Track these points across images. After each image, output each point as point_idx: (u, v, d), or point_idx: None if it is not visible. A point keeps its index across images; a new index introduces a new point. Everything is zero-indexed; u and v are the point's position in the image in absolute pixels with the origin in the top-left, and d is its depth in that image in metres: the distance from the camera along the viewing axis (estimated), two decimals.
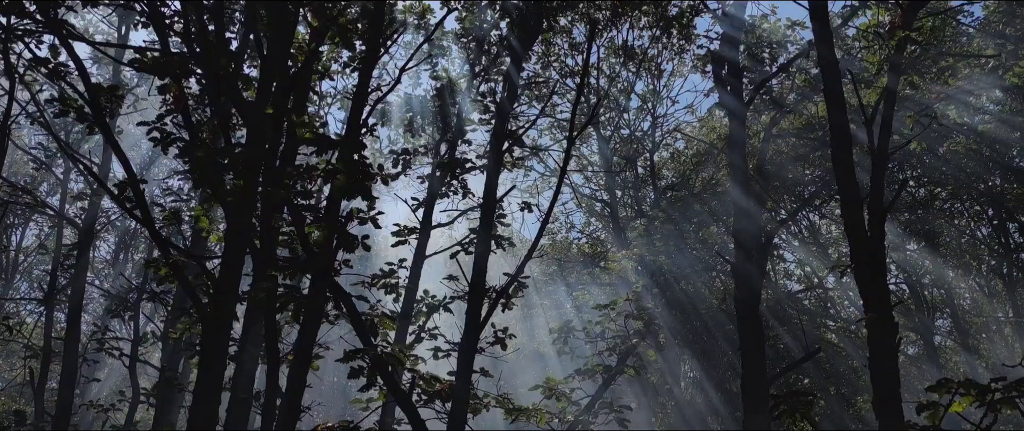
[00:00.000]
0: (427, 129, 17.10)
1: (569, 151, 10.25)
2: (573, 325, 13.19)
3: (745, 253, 10.13)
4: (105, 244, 27.74)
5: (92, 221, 14.30)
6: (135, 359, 15.12)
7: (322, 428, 7.53)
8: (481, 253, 9.90)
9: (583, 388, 12.32)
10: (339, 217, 7.79)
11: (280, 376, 10.11)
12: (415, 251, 14.45)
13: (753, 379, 9.52)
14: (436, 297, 13.54)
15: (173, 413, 13.09)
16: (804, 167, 21.21)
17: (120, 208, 10.34)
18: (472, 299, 9.51)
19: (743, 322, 9.88)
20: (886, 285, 8.70)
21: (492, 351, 11.94)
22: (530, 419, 11.28)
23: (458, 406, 8.33)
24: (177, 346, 13.15)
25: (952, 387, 4.64)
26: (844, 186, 9.27)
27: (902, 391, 8.51)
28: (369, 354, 7.09)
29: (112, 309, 15.22)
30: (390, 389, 7.21)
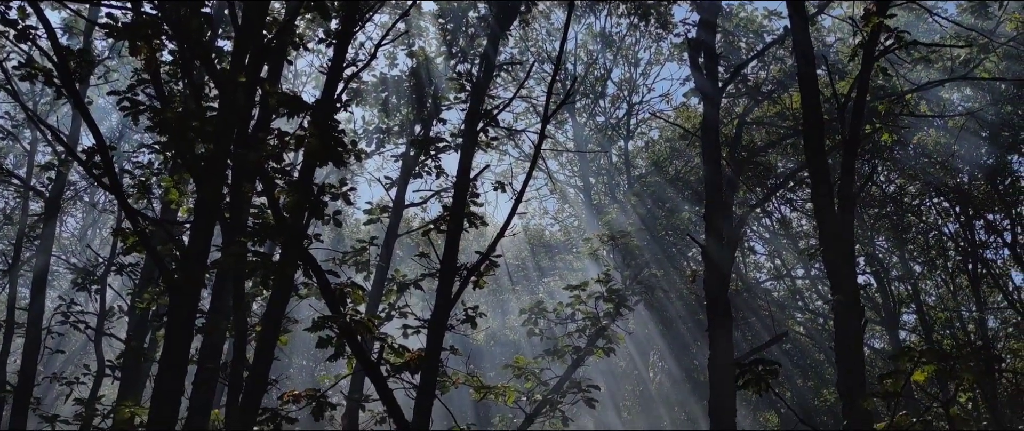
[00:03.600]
0: (402, 110, 17.02)
1: (543, 129, 10.25)
2: (544, 306, 13.21)
3: (716, 236, 10.20)
4: (73, 219, 27.42)
5: (59, 191, 14.10)
6: (101, 332, 14.93)
7: (289, 396, 7.49)
8: (453, 231, 9.89)
9: (552, 368, 12.38)
10: (311, 184, 7.74)
11: (248, 348, 10.06)
12: (387, 230, 14.41)
13: (721, 361, 9.59)
14: (407, 276, 13.51)
15: (138, 386, 12.95)
16: (777, 156, 21.37)
17: (88, 175, 10.23)
18: (443, 276, 9.50)
19: (712, 304, 9.95)
20: (854, 269, 8.81)
21: (462, 330, 11.94)
22: (498, 398, 11.30)
23: (427, 378, 8.32)
24: (144, 317, 13.00)
25: (914, 356, 4.69)
26: (815, 170, 9.35)
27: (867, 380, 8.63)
28: (337, 322, 7.04)
29: (78, 282, 15.00)
30: (358, 357, 7.18)
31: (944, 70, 16.96)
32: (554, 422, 12.10)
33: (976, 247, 23.47)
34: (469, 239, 25.71)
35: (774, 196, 22.29)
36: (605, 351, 12.51)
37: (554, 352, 12.39)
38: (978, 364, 4.48)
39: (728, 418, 9.34)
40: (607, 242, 14.44)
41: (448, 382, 10.95)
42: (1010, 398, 23.89)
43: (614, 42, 21.93)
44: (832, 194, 9.28)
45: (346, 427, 12.37)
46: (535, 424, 11.98)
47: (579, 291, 12.59)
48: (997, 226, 22.92)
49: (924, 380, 4.77)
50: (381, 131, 16.44)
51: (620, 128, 25.64)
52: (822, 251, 9.08)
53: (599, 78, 24.50)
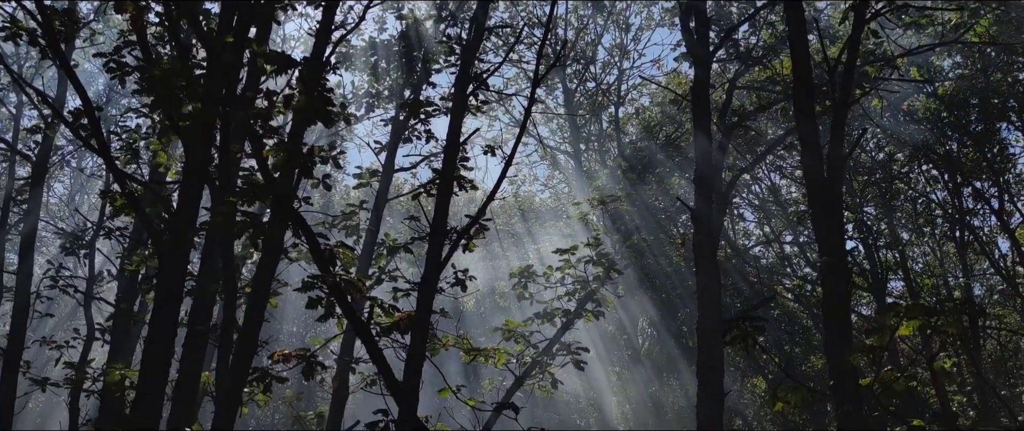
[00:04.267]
0: (392, 74, 16.93)
1: (533, 92, 10.21)
2: (533, 270, 13.23)
3: (705, 198, 10.22)
4: (60, 184, 27.28)
5: (46, 155, 14.01)
6: (90, 296, 14.91)
7: (279, 355, 7.51)
8: (443, 194, 9.86)
9: (542, 331, 12.43)
10: (301, 143, 7.70)
11: (238, 311, 10.06)
12: (377, 194, 14.39)
13: (709, 323, 9.65)
14: (397, 240, 13.51)
15: (128, 349, 12.97)
16: (768, 123, 21.36)
17: (75, 137, 10.15)
18: (433, 239, 9.49)
19: (701, 266, 9.99)
20: (842, 231, 8.85)
21: (453, 293, 11.96)
22: (488, 360, 11.35)
23: (417, 339, 8.35)
24: (133, 280, 12.98)
25: (899, 310, 4.73)
26: (805, 132, 9.36)
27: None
28: (327, 282, 7.04)
29: (67, 247, 14.96)
30: (348, 317, 7.19)
31: (935, 35, 16.93)
32: (544, 385, 12.15)
33: (963, 214, 23.59)
34: (459, 204, 25.73)
35: (764, 162, 22.33)
36: (594, 315, 12.57)
37: (544, 315, 12.43)
38: (963, 319, 4.51)
39: (716, 378, 9.42)
40: (597, 206, 14.44)
41: (438, 345, 10.99)
42: (994, 363, 24.18)
43: (605, 7, 21.79)
44: (821, 157, 9.29)
45: (337, 389, 12.44)
46: (524, 386, 12.04)
47: (569, 255, 12.61)
48: (984, 193, 23.02)
49: (909, 334, 4.82)
50: (371, 95, 16.36)
51: (611, 94, 25.57)
52: (811, 214, 9.11)
53: (590, 43, 24.38)
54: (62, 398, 15.29)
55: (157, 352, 8.93)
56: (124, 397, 10.97)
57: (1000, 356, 24.22)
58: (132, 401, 8.97)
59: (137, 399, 8.74)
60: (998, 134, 22.06)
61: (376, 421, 8.33)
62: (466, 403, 9.95)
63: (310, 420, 13.22)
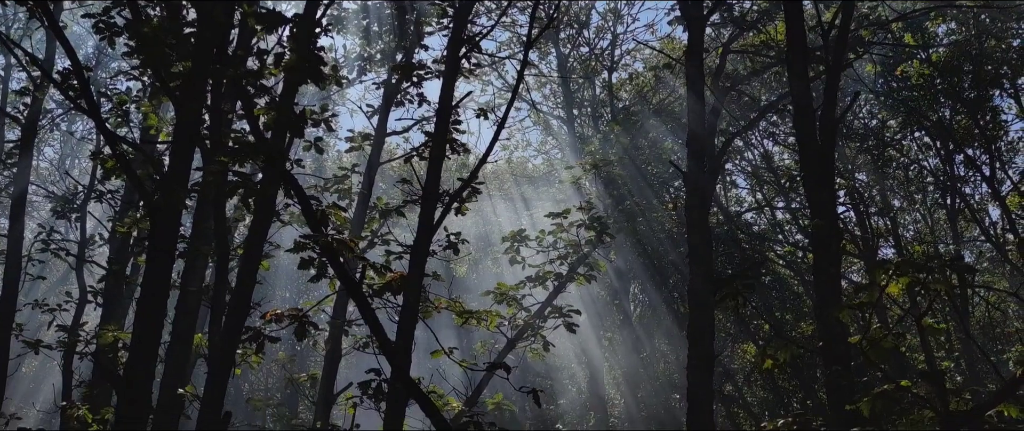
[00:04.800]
0: (384, 37, 16.81)
1: (526, 55, 10.18)
2: (526, 234, 13.24)
3: (697, 161, 10.22)
4: (50, 148, 27.12)
5: (35, 117, 13.90)
6: (82, 260, 14.90)
7: (271, 315, 7.52)
8: (436, 157, 9.84)
9: (534, 294, 12.49)
10: (293, 102, 7.66)
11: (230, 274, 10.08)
12: (369, 158, 14.36)
13: (700, 286, 9.70)
14: (389, 204, 13.51)
15: (121, 311, 12.98)
16: (761, 88, 21.32)
17: (65, 97, 10.09)
18: (425, 202, 9.50)
19: (692, 228, 10.02)
20: (833, 194, 8.87)
21: (445, 256, 11.98)
22: (480, 323, 11.40)
23: (410, 300, 8.38)
24: (125, 242, 12.97)
25: (889, 267, 4.76)
26: (798, 95, 9.35)
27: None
28: (319, 242, 7.04)
29: (58, 210, 14.91)
30: (340, 278, 7.20)
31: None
32: (535, 348, 12.22)
33: (955, 181, 23.65)
34: (451, 168, 25.70)
35: (757, 128, 22.31)
36: (587, 278, 12.62)
37: (536, 279, 12.48)
38: (951, 277, 4.55)
39: (706, 341, 9.49)
40: (590, 170, 14.44)
41: (430, 307, 11.03)
42: (982, 329, 24.40)
43: None
44: (814, 119, 9.30)
45: (330, 351, 12.50)
46: (516, 349, 12.11)
47: (561, 219, 12.63)
48: (976, 161, 23.06)
49: (898, 292, 4.85)
50: (363, 59, 16.25)
51: (604, 59, 25.46)
52: (803, 177, 9.13)
53: (583, 8, 24.23)
54: (56, 362, 15.34)
55: (150, 314, 8.94)
56: (117, 358, 11.01)
57: (988, 322, 24.43)
58: (125, 362, 9.00)
59: (130, 360, 8.78)
60: (991, 101, 22.06)
61: (368, 380, 8.38)
62: (458, 364, 10.02)
63: (303, 382, 13.30)
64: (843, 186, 23.65)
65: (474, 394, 10.79)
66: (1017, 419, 5.85)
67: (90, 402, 11.20)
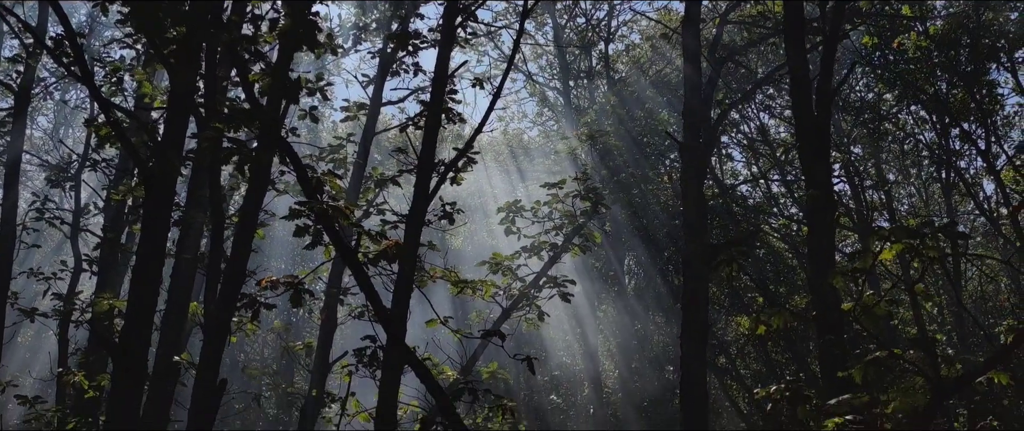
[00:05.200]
0: (380, 6, 16.70)
1: (523, 23, 10.11)
2: (521, 205, 13.26)
3: (693, 131, 10.22)
4: (44, 118, 26.99)
5: (28, 84, 13.81)
6: (77, 228, 14.88)
7: (267, 281, 7.53)
8: (431, 126, 9.82)
9: (529, 265, 12.53)
10: (288, 68, 7.62)
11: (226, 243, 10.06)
12: (364, 128, 14.32)
13: (695, 255, 9.73)
14: (384, 174, 13.49)
15: (116, 280, 12.99)
16: (758, 61, 21.25)
17: (58, 63, 10.02)
18: (421, 171, 9.50)
19: (688, 198, 10.03)
20: (829, 165, 8.89)
21: (440, 226, 12.00)
22: (475, 293, 11.45)
23: (405, 268, 8.40)
24: (120, 210, 12.95)
25: (883, 233, 4.77)
26: (794, 66, 9.32)
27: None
28: (314, 209, 7.03)
29: (52, 178, 14.86)
30: (336, 244, 7.20)
31: None
32: (530, 318, 12.28)
33: (950, 154, 23.68)
34: (447, 139, 25.64)
35: (753, 101, 22.26)
36: (582, 248, 12.65)
37: (531, 249, 12.51)
38: (944, 243, 4.57)
39: (700, 311, 9.53)
40: (585, 141, 14.43)
41: (425, 276, 11.07)
42: (975, 302, 24.53)
43: None
44: (810, 90, 9.28)
45: (325, 320, 12.54)
46: (511, 319, 12.16)
47: (556, 190, 12.64)
48: (971, 135, 23.07)
49: (891, 257, 4.88)
50: (358, 28, 16.15)
51: (600, 29, 25.33)
52: (799, 147, 9.13)
53: None
54: (52, 331, 15.39)
55: (145, 281, 8.96)
56: (113, 326, 11.03)
57: (981, 295, 24.56)
58: (121, 330, 9.02)
59: (125, 328, 8.80)
60: (987, 74, 22.02)
61: (364, 347, 8.41)
62: (453, 333, 10.07)
63: (299, 351, 13.36)
64: (838, 160, 23.65)
65: (469, 363, 10.86)
66: (1007, 387, 5.90)
67: (86, 369, 11.23)
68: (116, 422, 8.58)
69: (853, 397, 5.83)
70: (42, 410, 10.80)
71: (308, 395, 12.29)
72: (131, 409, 8.62)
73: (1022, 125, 26.13)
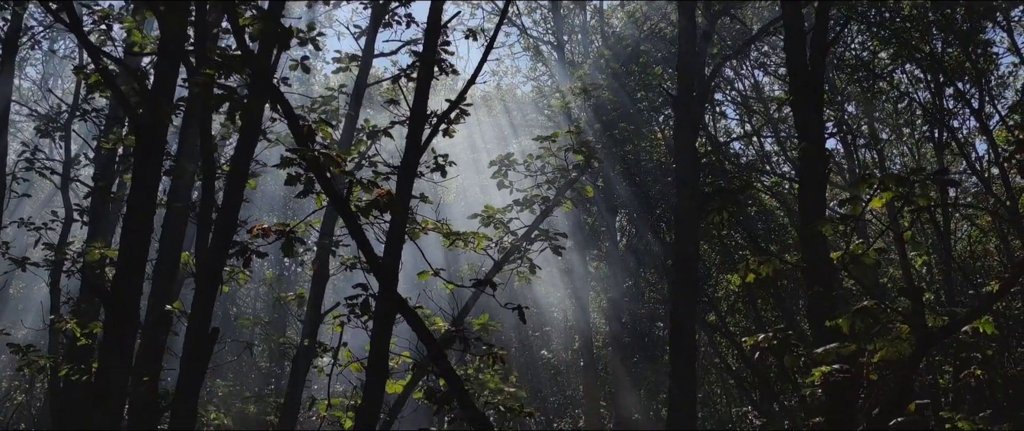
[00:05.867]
0: None
1: None
2: (514, 158, 13.21)
3: (687, 85, 10.18)
4: (33, 68, 26.73)
5: (15, 33, 13.64)
6: (67, 178, 14.82)
7: (258, 229, 7.53)
8: (423, 77, 9.76)
9: (521, 218, 12.53)
10: (280, 12, 7.54)
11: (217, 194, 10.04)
12: (356, 80, 14.22)
13: (687, 209, 9.75)
14: (377, 126, 13.41)
15: (107, 229, 12.97)
16: (753, 17, 21.12)
17: (45, 10, 9.90)
18: (413, 123, 9.46)
19: (681, 153, 10.03)
20: (821, 118, 8.88)
21: (432, 179, 11.97)
22: (467, 245, 11.47)
23: (397, 218, 8.41)
24: (110, 159, 12.89)
25: (873, 181, 4.78)
26: (789, 18, 9.27)
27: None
28: (306, 156, 7.01)
29: (42, 128, 14.75)
30: (327, 192, 7.20)
31: None
32: (522, 272, 12.30)
33: (943, 113, 23.65)
34: (439, 92, 25.50)
35: (747, 58, 22.16)
36: (574, 202, 12.64)
37: (523, 203, 12.50)
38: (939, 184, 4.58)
39: (691, 266, 9.58)
40: (579, 95, 14.35)
41: (418, 228, 11.08)
42: (963, 263, 24.69)
43: None
44: (804, 43, 9.24)
45: (317, 271, 12.57)
46: (503, 272, 12.18)
47: (549, 142, 12.59)
48: (965, 94, 23.03)
49: (881, 206, 4.90)
50: None
51: None
52: (792, 101, 9.12)
53: None
54: (43, 281, 15.38)
55: (136, 230, 8.95)
56: (105, 275, 11.04)
57: (970, 255, 24.72)
58: (112, 278, 9.03)
59: (117, 276, 8.80)
60: (983, 33, 21.93)
61: (356, 295, 8.46)
62: (445, 285, 10.10)
63: (291, 302, 13.40)
64: (832, 118, 23.64)
65: (460, 314, 10.91)
66: (992, 336, 5.97)
67: (78, 318, 11.27)
68: (109, 369, 8.62)
69: (840, 346, 5.90)
70: (35, 357, 10.85)
71: (300, 345, 12.36)
72: (124, 356, 8.66)
73: (1016, 85, 26.09)
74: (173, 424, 8.10)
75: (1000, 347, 16.59)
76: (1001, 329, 16.84)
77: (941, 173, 4.83)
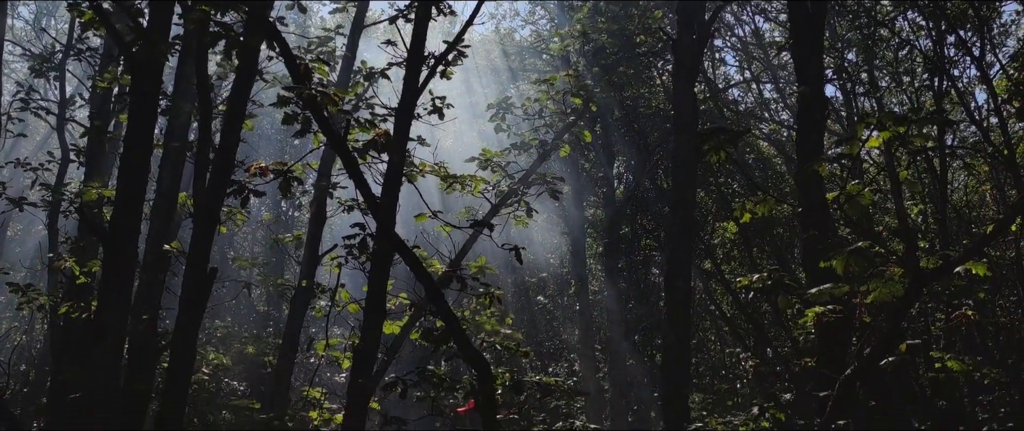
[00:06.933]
0: None
1: None
2: (512, 102, 13.15)
3: (687, 28, 10.09)
4: (26, 8, 26.41)
5: None
6: (63, 118, 14.76)
7: (256, 167, 7.53)
8: (421, 17, 9.67)
9: (519, 161, 12.53)
10: None
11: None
12: (353, 20, 14.09)
13: (685, 152, 9.75)
14: (374, 67, 13.33)
15: (104, 168, 12.95)
16: None
17: None
18: (410, 64, 9.41)
19: (679, 96, 9.99)
20: (821, 61, 8.83)
21: (429, 120, 11.93)
22: (464, 188, 11.48)
23: (395, 160, 8.42)
24: (106, 98, 12.82)
25: (871, 120, 4.78)
26: None
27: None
28: (303, 95, 6.97)
29: (36, 68, 14.63)
30: (324, 131, 7.17)
31: None
32: (519, 216, 12.32)
33: (944, 61, 23.50)
34: (436, 34, 25.23)
35: (748, 4, 21.93)
36: (572, 147, 12.63)
37: (520, 146, 12.49)
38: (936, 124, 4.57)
39: (688, 208, 9.61)
40: (578, 37, 14.23)
41: (415, 171, 11.08)
42: (958, 211, 24.75)
43: None
44: None
45: (314, 213, 12.60)
46: (500, 216, 12.21)
47: (547, 85, 12.54)
48: (967, 42, 22.86)
49: (878, 145, 4.89)
50: None
51: None
52: (792, 44, 9.06)
53: None
54: (41, 221, 15.43)
55: (133, 169, 8.93)
56: (102, 214, 11.05)
57: (966, 204, 24.78)
58: (110, 217, 9.04)
59: (115, 214, 8.81)
60: None
61: (353, 234, 8.49)
62: (443, 227, 10.13)
63: (288, 243, 13.45)
64: (831, 66, 23.49)
65: (458, 256, 10.97)
66: (985, 280, 6.02)
67: (77, 256, 11.31)
68: (108, 307, 8.68)
69: (833, 287, 5.95)
70: (35, 295, 10.92)
71: (298, 286, 12.44)
72: (123, 294, 8.71)
73: (1018, 33, 25.90)
74: (173, 363, 8.18)
75: (993, 295, 16.72)
76: (994, 278, 16.98)
77: (939, 112, 4.83)
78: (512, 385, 7.71)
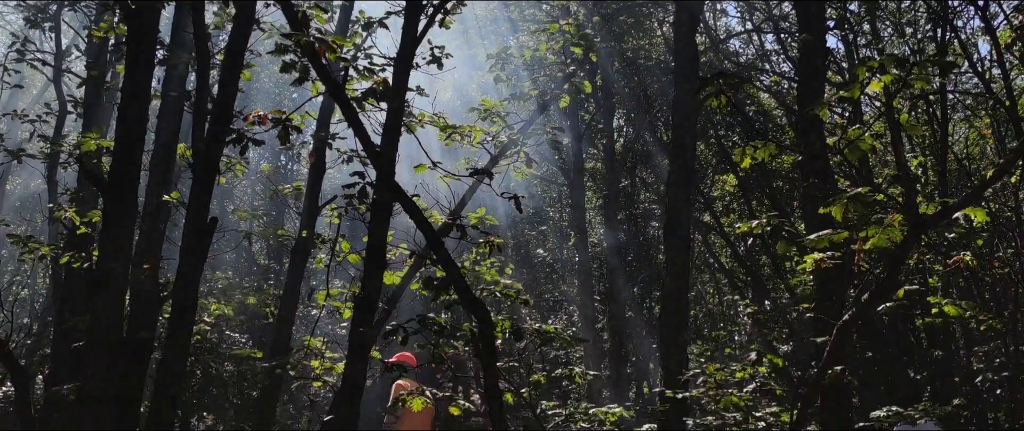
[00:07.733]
0: None
1: None
2: (511, 53, 13.05)
3: None
4: None
5: None
6: (59, 70, 14.66)
7: (255, 115, 7.50)
8: None
9: (519, 113, 12.49)
10: None
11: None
12: None
13: (684, 100, 9.71)
14: (372, 17, 13.19)
15: (101, 118, 12.91)
16: None
17: None
18: (409, 12, 9.35)
19: (680, 44, 9.92)
20: (823, 7, 8.74)
21: (428, 70, 11.85)
22: (463, 139, 11.46)
23: (393, 107, 8.38)
24: (102, 47, 12.73)
25: (872, 64, 4.75)
26: None
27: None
28: (300, 42, 6.92)
29: (31, 19, 14.49)
30: (322, 78, 7.14)
31: None
32: (519, 167, 12.31)
33: (947, 11, 23.28)
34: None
35: None
36: (571, 97, 12.57)
37: (520, 96, 12.44)
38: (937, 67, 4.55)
39: (687, 155, 9.60)
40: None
41: (414, 121, 11.04)
42: (958, 163, 24.72)
43: None
44: None
45: (314, 164, 12.59)
46: (500, 167, 12.19)
47: (547, 33, 12.44)
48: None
49: (880, 89, 4.87)
50: None
51: None
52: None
53: None
54: (40, 173, 15.42)
55: (131, 119, 8.89)
56: (101, 164, 11.03)
57: (967, 156, 24.74)
58: (110, 166, 9.02)
59: (115, 163, 8.79)
60: None
61: (353, 183, 8.50)
62: (443, 177, 10.12)
63: (288, 194, 13.46)
64: (833, 17, 23.26)
65: (458, 206, 10.97)
66: (983, 227, 6.04)
67: (77, 206, 11.32)
68: (109, 256, 8.70)
69: (832, 232, 5.96)
70: (36, 245, 10.95)
71: (298, 236, 12.47)
72: (124, 243, 8.73)
73: None
74: (174, 311, 8.23)
75: (991, 245, 16.75)
76: (993, 228, 17.01)
77: (941, 54, 4.81)
78: (512, 332, 7.77)
